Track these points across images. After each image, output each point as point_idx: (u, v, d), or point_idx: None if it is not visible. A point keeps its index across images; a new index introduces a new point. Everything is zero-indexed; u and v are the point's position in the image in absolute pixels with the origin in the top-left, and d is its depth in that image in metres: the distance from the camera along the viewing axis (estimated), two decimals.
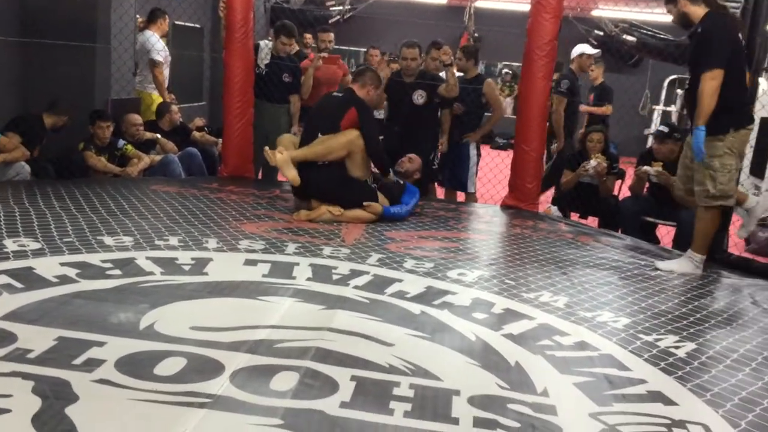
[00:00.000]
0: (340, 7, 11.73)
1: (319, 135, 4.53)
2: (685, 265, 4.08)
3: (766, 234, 6.22)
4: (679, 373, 2.58)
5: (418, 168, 5.15)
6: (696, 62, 3.86)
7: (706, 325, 3.18)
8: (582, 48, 6.41)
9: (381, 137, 5.02)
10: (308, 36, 9.01)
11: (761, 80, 5.20)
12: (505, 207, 5.53)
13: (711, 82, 3.72)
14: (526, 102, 5.36)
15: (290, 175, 4.36)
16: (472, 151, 5.88)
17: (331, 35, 6.37)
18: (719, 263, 4.39)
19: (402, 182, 4.90)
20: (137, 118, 5.74)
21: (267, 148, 4.50)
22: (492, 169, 6.34)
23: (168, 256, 3.40)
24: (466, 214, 5.28)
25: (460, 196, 6.10)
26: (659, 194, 5.16)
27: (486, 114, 6.03)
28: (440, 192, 6.14)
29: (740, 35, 3.94)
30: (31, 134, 5.06)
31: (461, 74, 5.82)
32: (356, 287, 3.20)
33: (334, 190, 4.49)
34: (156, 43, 6.32)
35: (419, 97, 5.48)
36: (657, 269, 4.07)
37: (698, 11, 3.85)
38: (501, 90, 12.92)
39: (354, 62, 11.75)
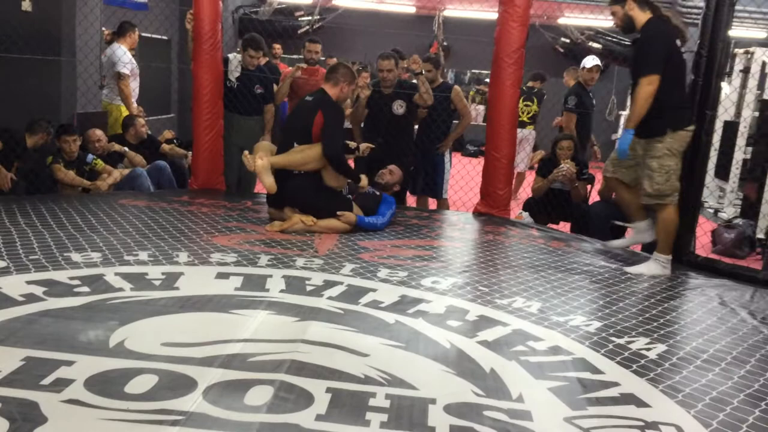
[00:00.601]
0: (309, 18, 11.73)
1: (295, 144, 4.51)
2: (653, 267, 4.17)
3: (731, 235, 6.33)
4: (651, 374, 2.61)
5: (399, 180, 5.18)
6: (634, 67, 4.02)
7: (676, 326, 3.23)
8: (584, 61, 6.51)
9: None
10: (277, 46, 9.00)
11: (723, 85, 5.30)
12: (477, 214, 5.56)
13: (647, 87, 3.87)
14: (495, 109, 5.40)
15: (268, 182, 4.35)
16: (446, 158, 5.92)
17: (319, 46, 6.36)
18: (686, 265, 4.47)
19: (378, 193, 4.90)
20: (98, 134, 5.63)
21: (246, 152, 4.47)
22: (463, 177, 6.37)
23: (138, 272, 3.35)
24: (439, 221, 5.30)
25: (432, 204, 6.13)
26: None
27: (455, 122, 6.07)
28: (411, 200, 6.15)
29: (678, 42, 4.07)
30: (9, 153, 4.99)
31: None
32: (330, 298, 3.18)
33: (309, 199, 4.48)
34: (123, 55, 6.26)
35: (399, 107, 5.51)
36: (626, 273, 4.13)
37: (642, 17, 3.99)
38: (473, 98, 13.02)
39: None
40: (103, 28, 6.81)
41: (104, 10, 6.71)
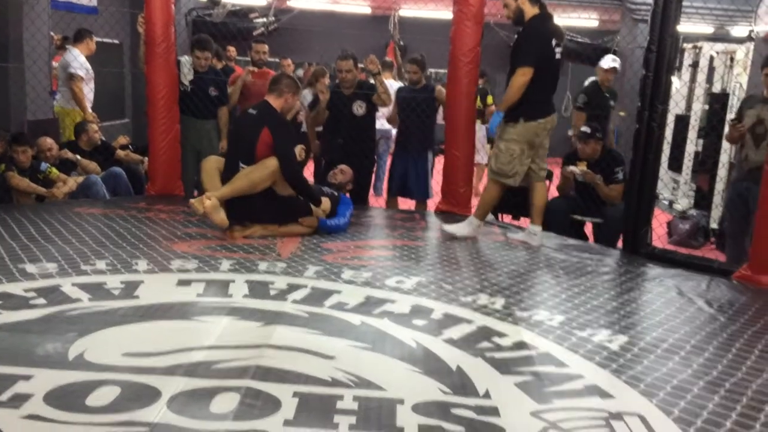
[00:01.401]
0: (264, 19, 11.63)
1: (240, 164, 4.35)
2: (465, 228, 4.61)
3: (686, 226, 6.50)
4: (614, 366, 2.66)
5: (350, 179, 5.16)
6: (513, 57, 4.33)
7: (636, 317, 3.30)
8: (601, 62, 6.44)
9: (320, 150, 4.98)
10: (231, 49, 8.90)
11: (673, 79, 5.43)
12: (438, 212, 5.58)
13: (521, 78, 4.25)
14: (453, 108, 5.44)
15: (218, 218, 4.17)
16: (429, 158, 5.89)
17: (266, 47, 6.30)
18: (644, 256, 4.56)
19: (336, 194, 4.89)
20: (49, 142, 5.46)
21: (192, 200, 4.23)
22: None
23: (96, 281, 3.27)
24: (401, 221, 5.30)
25: (403, 203, 6.10)
26: (585, 193, 5.32)
27: (441, 122, 6.03)
28: (379, 201, 6.14)
29: (553, 41, 4.38)
30: None
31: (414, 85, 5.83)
32: (294, 301, 3.16)
33: (266, 211, 4.38)
34: (77, 57, 6.13)
35: (359, 108, 5.50)
36: (444, 231, 4.61)
37: (531, 11, 4.34)
38: None
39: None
40: (52, 33, 6.64)
41: (52, 15, 6.54)
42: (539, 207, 4.66)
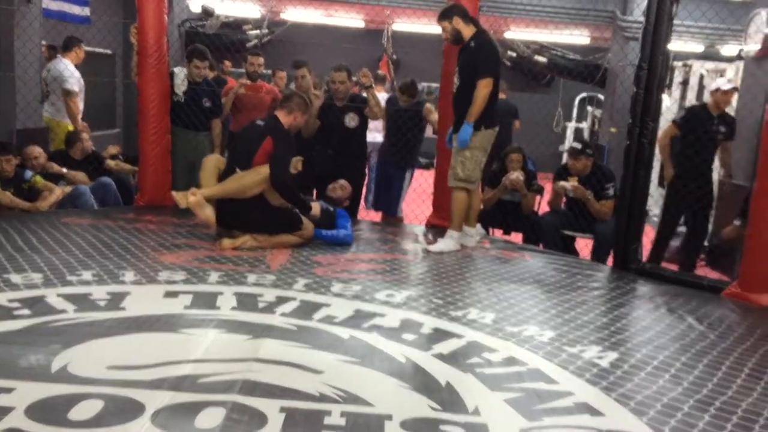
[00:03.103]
0: (258, 31, 11.65)
1: (237, 169, 4.36)
2: (449, 243, 4.71)
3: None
4: (604, 383, 2.64)
5: (349, 195, 5.16)
6: (469, 71, 4.50)
7: (627, 333, 3.28)
8: (718, 82, 5.82)
9: (309, 162, 4.97)
10: (227, 63, 8.90)
11: (664, 97, 5.46)
12: (429, 226, 5.57)
13: (485, 89, 4.43)
14: (445, 122, 5.43)
15: (203, 215, 4.22)
16: (406, 175, 5.91)
17: (261, 59, 6.27)
18: (634, 273, 4.56)
19: (332, 209, 4.86)
20: (37, 151, 5.41)
21: (174, 192, 4.30)
22: (416, 189, 6.39)
23: (81, 292, 3.23)
24: (392, 234, 5.29)
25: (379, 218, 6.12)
26: (576, 208, 5.33)
27: (433, 135, 6.02)
28: (370, 215, 6.14)
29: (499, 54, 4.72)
30: None
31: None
32: (283, 314, 3.13)
33: (257, 220, 4.36)
34: (68, 70, 6.13)
35: (351, 120, 5.50)
36: (428, 251, 4.66)
37: (468, 30, 4.57)
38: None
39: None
40: (43, 42, 6.61)
41: (44, 24, 6.51)
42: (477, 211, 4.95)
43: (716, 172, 6.56)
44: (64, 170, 5.55)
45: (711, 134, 5.49)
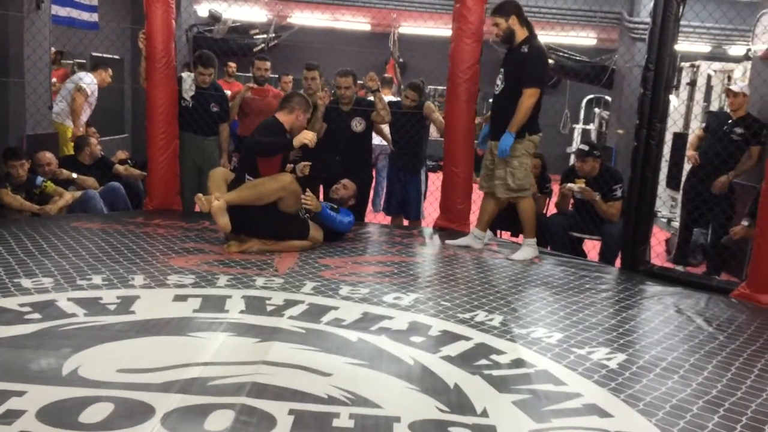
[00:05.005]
0: (264, 36, 11.69)
1: (246, 176, 4.41)
2: (529, 251, 4.71)
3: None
4: (612, 384, 2.64)
5: (353, 194, 5.16)
6: (516, 76, 4.46)
7: (635, 335, 3.28)
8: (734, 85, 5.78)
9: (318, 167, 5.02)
10: (232, 65, 8.93)
11: (671, 98, 5.44)
12: (437, 228, 5.58)
13: (531, 99, 4.41)
14: (452, 125, 5.44)
15: (222, 222, 4.18)
16: (422, 178, 5.90)
17: (268, 63, 6.29)
18: (643, 274, 4.55)
19: (336, 207, 4.90)
20: (48, 157, 5.47)
21: (200, 195, 4.28)
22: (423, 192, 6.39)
23: (91, 296, 3.25)
24: (400, 237, 5.29)
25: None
26: (584, 210, 5.32)
27: (439, 137, 6.04)
28: (377, 218, 6.13)
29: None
30: None
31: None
32: (291, 317, 3.14)
33: (266, 225, 4.38)
34: (92, 80, 6.64)
35: (357, 125, 5.51)
36: (510, 259, 4.63)
37: (522, 33, 4.50)
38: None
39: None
40: (52, 48, 6.68)
41: (53, 30, 6.56)
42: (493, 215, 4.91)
43: None
44: (74, 175, 5.60)
45: (721, 136, 5.45)
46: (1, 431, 1.96)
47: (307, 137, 4.35)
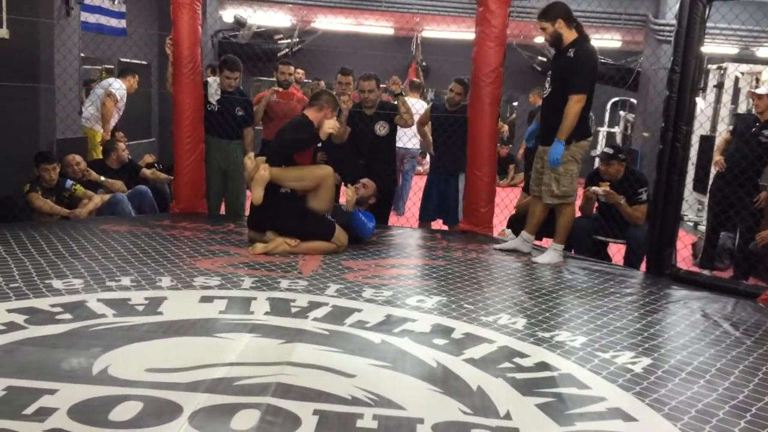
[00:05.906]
0: (289, 41, 11.79)
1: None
2: (554, 255, 4.67)
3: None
4: (637, 388, 2.62)
5: (373, 193, 5.17)
6: (562, 81, 4.39)
7: (661, 339, 3.25)
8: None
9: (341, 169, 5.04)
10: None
11: (698, 100, 5.40)
12: (460, 232, 5.58)
13: (577, 105, 4.34)
14: (475, 128, 5.44)
15: (258, 194, 4.33)
16: (460, 180, 5.88)
17: (291, 68, 6.34)
18: (668, 278, 4.51)
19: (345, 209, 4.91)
20: (76, 158, 5.62)
21: (251, 155, 4.54)
22: None
23: (120, 297, 3.32)
24: (423, 240, 5.30)
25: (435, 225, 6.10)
26: (608, 213, 5.29)
27: None
28: (400, 221, 6.14)
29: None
30: None
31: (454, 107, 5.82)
32: (315, 319, 3.17)
33: (292, 220, 4.46)
34: (121, 86, 6.89)
35: (381, 128, 5.53)
36: (534, 262, 4.64)
37: (570, 35, 4.42)
38: None
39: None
40: (82, 54, 6.81)
41: (83, 36, 6.69)
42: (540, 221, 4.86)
43: None
44: (102, 178, 5.71)
45: (749, 139, 5.38)
46: (34, 428, 2.01)
47: (330, 125, 4.50)
